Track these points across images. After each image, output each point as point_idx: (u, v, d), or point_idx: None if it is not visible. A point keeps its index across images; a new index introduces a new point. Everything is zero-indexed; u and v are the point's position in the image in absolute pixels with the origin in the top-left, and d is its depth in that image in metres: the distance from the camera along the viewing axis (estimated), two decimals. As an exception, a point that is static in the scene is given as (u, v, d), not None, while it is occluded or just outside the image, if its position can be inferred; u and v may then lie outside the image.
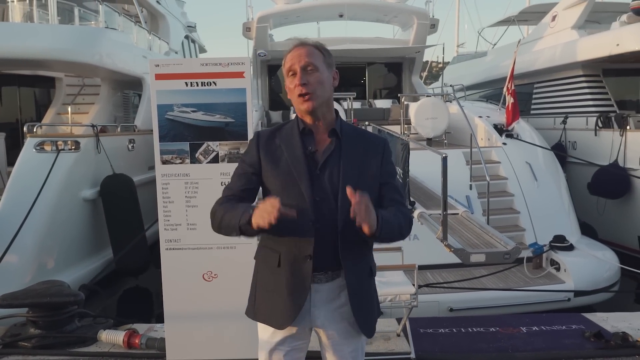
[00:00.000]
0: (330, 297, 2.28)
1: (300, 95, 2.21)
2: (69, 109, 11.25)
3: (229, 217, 2.19)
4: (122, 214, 8.95)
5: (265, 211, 2.00)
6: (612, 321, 5.10)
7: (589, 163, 10.81)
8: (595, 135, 11.35)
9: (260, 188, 2.35)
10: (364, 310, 2.31)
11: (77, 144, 8.60)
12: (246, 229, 2.12)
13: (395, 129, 10.37)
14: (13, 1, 11.08)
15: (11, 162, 8.52)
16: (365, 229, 2.03)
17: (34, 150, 8.11)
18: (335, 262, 2.24)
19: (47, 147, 8.22)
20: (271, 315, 2.29)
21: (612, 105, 12.15)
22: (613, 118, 11.13)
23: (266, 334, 2.34)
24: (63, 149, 8.32)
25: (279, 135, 2.33)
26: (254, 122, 3.90)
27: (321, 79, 2.23)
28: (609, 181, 10.22)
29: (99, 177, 9.05)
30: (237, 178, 2.35)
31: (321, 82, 2.23)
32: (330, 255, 2.22)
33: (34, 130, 8.62)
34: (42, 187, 7.56)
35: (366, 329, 2.32)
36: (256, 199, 2.32)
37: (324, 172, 2.24)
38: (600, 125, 11.31)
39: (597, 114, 11.58)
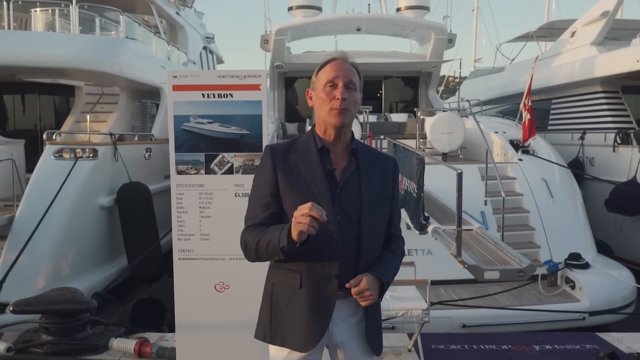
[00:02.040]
0: (349, 314, 2.27)
1: (336, 108, 2.20)
2: (88, 118, 11.40)
3: (265, 242, 2.12)
4: (138, 222, 9.02)
5: (298, 219, 1.93)
6: (627, 342, 5.02)
7: (603, 180, 10.70)
8: (614, 151, 11.24)
9: None
10: (375, 329, 2.33)
11: (95, 151, 8.70)
12: (289, 248, 2.03)
13: (411, 143, 10.35)
14: (36, 11, 11.26)
15: (30, 168, 8.63)
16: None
17: (53, 157, 8.22)
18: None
19: (66, 155, 8.34)
20: (293, 338, 2.23)
21: (630, 122, 12.03)
22: (632, 135, 11.03)
23: (281, 353, 2.28)
24: (81, 157, 8.42)
25: (294, 150, 2.29)
26: (269, 134, 3.91)
27: (356, 100, 2.27)
28: (627, 198, 10.10)
29: (115, 185, 9.14)
30: (257, 205, 2.27)
31: (355, 103, 2.26)
32: (351, 274, 2.19)
33: (53, 137, 8.74)
34: (57, 194, 7.65)
35: (375, 347, 2.32)
36: None
37: (344, 192, 2.23)
38: (618, 141, 11.20)
39: (615, 131, 11.48)
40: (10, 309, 4.75)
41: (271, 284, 2.34)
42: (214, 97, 3.78)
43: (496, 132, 10.98)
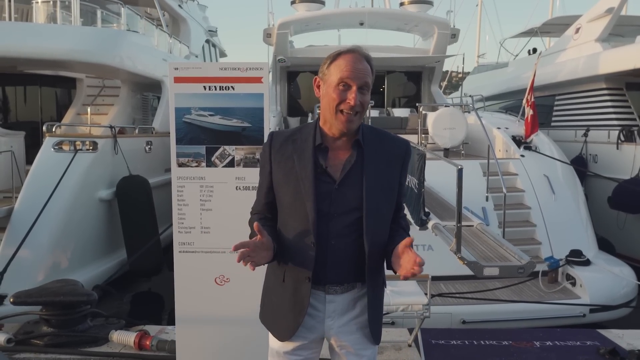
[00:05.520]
0: (345, 309, 2.24)
1: (346, 113, 2.09)
2: (89, 110, 11.38)
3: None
4: (137, 215, 9.00)
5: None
6: (628, 338, 5.01)
7: (606, 178, 10.67)
8: (617, 149, 11.21)
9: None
10: (377, 320, 2.29)
11: (94, 144, 8.68)
12: None
13: (413, 139, 10.32)
14: (37, 2, 11.23)
15: (30, 160, 8.61)
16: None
17: (52, 149, 8.20)
18: (352, 276, 2.21)
19: (65, 147, 8.32)
20: (275, 326, 2.30)
21: (634, 119, 11.99)
22: (635, 132, 11.00)
23: (277, 343, 2.30)
24: (81, 149, 8.40)
25: (293, 142, 2.21)
26: (271, 128, 3.88)
27: (367, 101, 2.14)
28: (630, 195, 10.07)
29: (115, 177, 9.12)
30: (259, 190, 2.33)
31: (366, 105, 2.14)
32: (347, 270, 2.19)
33: (53, 129, 8.72)
34: (57, 186, 7.63)
35: (375, 337, 2.29)
36: None
37: (344, 187, 2.14)
38: (622, 139, 11.16)
39: (619, 128, 11.44)
40: (11, 300, 4.74)
41: (268, 269, 2.39)
42: (216, 89, 3.75)
43: (498, 128, 10.94)
